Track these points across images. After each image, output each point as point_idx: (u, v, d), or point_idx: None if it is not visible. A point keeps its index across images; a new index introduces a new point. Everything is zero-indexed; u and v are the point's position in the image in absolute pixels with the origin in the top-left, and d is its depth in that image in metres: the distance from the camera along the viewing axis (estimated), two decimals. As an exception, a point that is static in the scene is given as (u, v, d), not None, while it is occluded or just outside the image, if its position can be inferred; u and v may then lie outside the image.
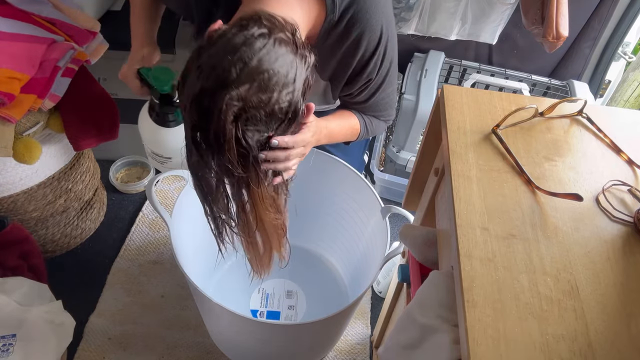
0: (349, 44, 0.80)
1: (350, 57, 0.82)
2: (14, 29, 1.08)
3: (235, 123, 0.58)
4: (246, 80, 0.56)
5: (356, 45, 0.80)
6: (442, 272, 0.63)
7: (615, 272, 0.52)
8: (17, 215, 1.23)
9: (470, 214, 0.56)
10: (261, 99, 0.57)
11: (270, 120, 0.60)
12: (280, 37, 0.59)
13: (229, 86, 0.56)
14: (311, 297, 1.33)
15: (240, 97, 0.56)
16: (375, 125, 0.99)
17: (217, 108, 0.56)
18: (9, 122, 1.00)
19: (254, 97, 0.57)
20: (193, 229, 1.15)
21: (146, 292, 1.37)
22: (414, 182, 0.92)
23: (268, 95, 0.57)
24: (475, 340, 0.44)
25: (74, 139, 1.17)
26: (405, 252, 1.01)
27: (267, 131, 0.62)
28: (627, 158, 0.66)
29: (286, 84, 0.59)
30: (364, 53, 0.81)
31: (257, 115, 0.58)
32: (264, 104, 0.58)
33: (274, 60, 0.58)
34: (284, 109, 0.60)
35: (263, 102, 0.58)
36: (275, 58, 0.58)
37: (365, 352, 1.30)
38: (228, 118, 0.57)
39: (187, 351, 1.25)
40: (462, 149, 0.64)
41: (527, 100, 0.73)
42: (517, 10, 1.41)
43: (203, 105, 0.58)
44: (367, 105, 0.94)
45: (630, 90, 1.55)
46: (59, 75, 1.08)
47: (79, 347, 1.23)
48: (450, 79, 1.61)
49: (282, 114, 0.61)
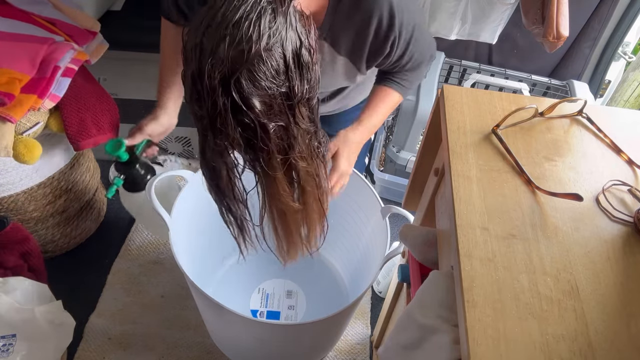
0: (362, 14, 0.77)
1: (366, 27, 0.79)
2: (14, 29, 1.08)
3: (226, 88, 0.54)
4: (218, 40, 0.54)
5: (369, 13, 0.77)
6: (442, 272, 0.63)
7: (615, 272, 0.52)
8: (17, 215, 1.23)
9: (470, 214, 0.56)
10: (240, 53, 0.53)
11: (265, 74, 0.55)
12: None
13: (208, 55, 0.54)
14: (311, 297, 1.33)
15: (220, 58, 0.53)
16: (413, 79, 0.95)
17: (205, 81, 0.54)
18: (9, 122, 1.00)
19: (231, 53, 0.53)
20: (193, 229, 1.15)
21: (146, 292, 1.37)
22: (414, 182, 0.92)
23: (247, 47, 0.53)
24: (475, 340, 0.44)
25: (74, 139, 1.17)
26: (405, 252, 1.01)
27: (275, 87, 0.56)
28: (627, 158, 0.66)
29: (263, 33, 0.54)
30: (380, 22, 0.78)
31: (246, 72, 0.54)
32: (246, 57, 0.54)
33: (237, 14, 0.54)
34: (276, 57, 0.55)
35: (244, 56, 0.53)
36: (239, 10, 0.54)
37: (365, 352, 1.30)
38: (216, 85, 0.54)
39: (187, 351, 1.25)
40: (462, 149, 0.64)
41: (527, 100, 0.73)
42: (517, 10, 1.41)
43: (196, 87, 0.55)
44: (402, 62, 0.89)
45: (630, 90, 1.55)
46: (59, 75, 1.07)
47: (79, 347, 1.23)
48: (450, 79, 1.61)
49: (276, 64, 0.56)
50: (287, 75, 0.57)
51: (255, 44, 0.53)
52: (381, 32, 0.79)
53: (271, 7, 0.55)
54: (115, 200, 1.60)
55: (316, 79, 0.61)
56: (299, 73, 0.58)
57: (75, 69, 1.11)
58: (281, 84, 0.57)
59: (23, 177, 1.18)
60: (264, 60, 0.54)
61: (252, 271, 1.38)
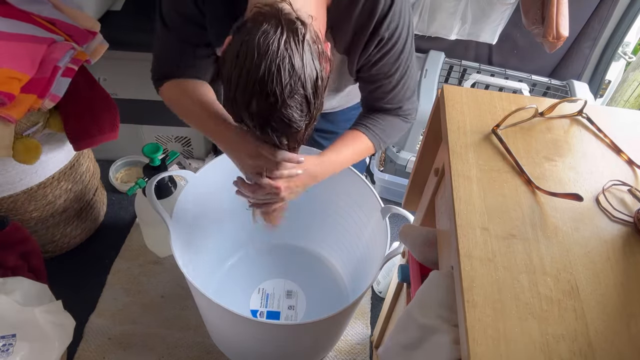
0: (362, 6, 0.78)
1: (367, 19, 0.79)
2: (14, 29, 1.08)
3: (264, 131, 0.68)
4: (249, 97, 0.64)
5: (371, 6, 0.77)
6: (442, 272, 0.63)
7: (615, 272, 0.52)
8: (17, 215, 1.23)
9: (470, 214, 0.56)
10: (270, 106, 0.64)
11: (292, 115, 0.66)
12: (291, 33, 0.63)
13: (243, 109, 0.66)
14: (311, 297, 1.33)
15: (253, 112, 0.66)
16: (389, 131, 0.93)
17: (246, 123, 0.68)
18: (9, 122, 1.00)
19: (262, 107, 0.65)
20: (193, 229, 1.15)
21: (146, 292, 1.37)
22: (414, 182, 0.92)
23: (274, 99, 0.64)
24: (475, 340, 0.44)
25: (74, 139, 1.17)
26: (405, 252, 1.01)
27: (301, 120, 0.67)
28: (627, 158, 0.66)
29: (286, 85, 0.63)
30: (380, 13, 0.78)
31: (278, 118, 0.66)
32: (275, 107, 0.64)
33: (260, 71, 0.62)
34: (299, 99, 0.65)
35: (273, 108, 0.64)
36: (261, 67, 0.62)
37: (365, 352, 1.30)
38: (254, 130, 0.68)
39: (187, 351, 1.25)
40: (462, 149, 0.64)
41: (527, 100, 0.73)
42: (517, 10, 1.41)
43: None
44: (384, 90, 0.88)
45: (630, 90, 1.55)
46: (59, 75, 1.07)
47: (79, 347, 1.23)
48: (450, 79, 1.61)
49: (299, 104, 0.65)
50: (308, 107, 0.66)
51: (281, 96, 0.62)
52: (375, 18, 0.78)
53: (288, 54, 0.62)
54: (115, 200, 1.60)
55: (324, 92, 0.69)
56: (315, 99, 0.66)
57: (75, 69, 1.11)
58: (305, 114, 0.66)
59: (23, 177, 1.18)
60: (290, 105, 0.64)
61: (252, 271, 1.38)
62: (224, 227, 1.29)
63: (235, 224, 1.31)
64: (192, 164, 1.74)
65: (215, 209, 1.23)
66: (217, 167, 1.14)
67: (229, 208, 1.24)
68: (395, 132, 0.95)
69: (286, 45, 0.62)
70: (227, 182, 1.19)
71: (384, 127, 0.92)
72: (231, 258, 1.40)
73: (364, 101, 0.96)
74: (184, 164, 1.41)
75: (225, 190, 1.20)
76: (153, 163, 1.21)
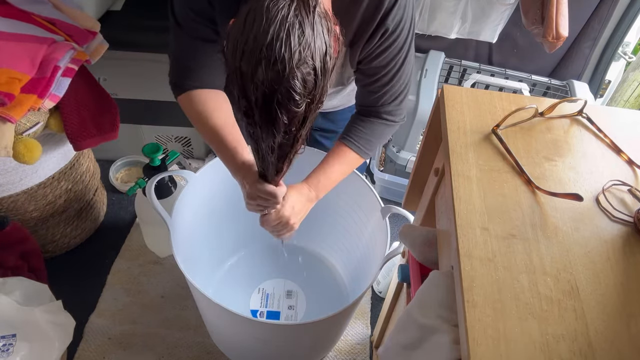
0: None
1: (373, 11, 0.79)
2: (14, 29, 1.08)
3: (268, 105, 0.62)
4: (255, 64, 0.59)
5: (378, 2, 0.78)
6: (442, 272, 0.63)
7: (615, 272, 0.52)
8: (17, 215, 1.23)
9: (470, 214, 0.56)
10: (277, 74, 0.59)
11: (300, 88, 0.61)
12: None
13: (248, 79, 0.60)
14: (311, 297, 1.33)
15: (259, 81, 0.60)
16: (374, 140, 0.95)
17: (251, 99, 0.61)
18: (9, 122, 1.00)
19: (269, 75, 0.59)
20: (193, 229, 1.15)
21: (146, 292, 1.37)
22: (414, 182, 0.92)
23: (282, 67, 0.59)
24: (475, 340, 0.44)
25: (74, 139, 1.17)
26: (405, 252, 1.01)
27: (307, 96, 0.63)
28: (627, 158, 0.66)
29: (294, 51, 0.59)
30: (387, 5, 0.78)
31: (284, 89, 0.61)
32: (282, 76, 0.60)
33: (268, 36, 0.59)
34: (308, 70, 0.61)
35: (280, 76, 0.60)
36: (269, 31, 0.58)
37: (365, 352, 1.30)
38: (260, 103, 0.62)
39: (187, 351, 1.25)
40: (462, 149, 0.64)
41: (527, 100, 0.73)
42: (517, 10, 1.41)
43: (242, 104, 0.63)
44: (381, 83, 0.89)
45: (630, 90, 1.55)
46: (59, 75, 1.07)
47: (79, 347, 1.23)
48: (450, 79, 1.61)
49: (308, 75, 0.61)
50: (315, 83, 0.62)
51: (289, 62, 0.58)
52: (382, 10, 0.79)
53: (298, 20, 0.59)
54: (115, 200, 1.60)
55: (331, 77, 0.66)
56: (323, 76, 0.62)
57: (75, 69, 1.11)
58: (309, 92, 0.62)
59: (23, 177, 1.18)
60: (298, 76, 0.59)
61: (252, 271, 1.38)
62: (224, 227, 1.29)
63: (235, 224, 1.31)
64: (192, 164, 1.74)
65: (215, 209, 1.23)
66: (217, 167, 1.14)
67: (229, 208, 1.24)
68: (380, 139, 0.97)
69: (296, 12, 0.58)
70: (227, 183, 1.19)
71: (369, 137, 0.94)
72: (231, 258, 1.40)
73: (358, 95, 0.96)
74: (184, 164, 1.41)
75: (225, 191, 1.20)
76: (153, 163, 1.21)
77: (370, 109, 0.94)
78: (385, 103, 0.92)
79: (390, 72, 0.87)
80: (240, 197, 0.87)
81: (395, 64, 0.86)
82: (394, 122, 0.95)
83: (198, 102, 0.89)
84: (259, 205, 0.85)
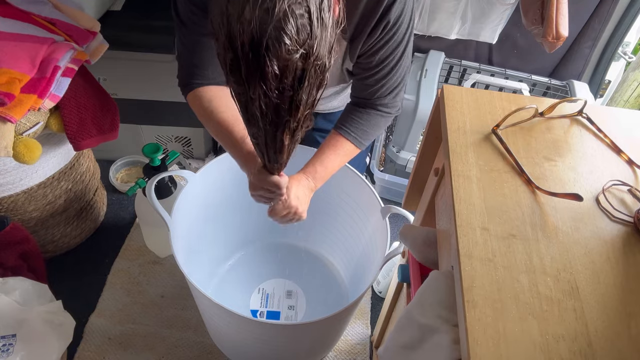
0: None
1: (375, 4, 0.79)
2: (14, 29, 1.08)
3: (257, 51, 0.54)
4: (242, 3, 0.53)
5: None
6: (442, 272, 0.63)
7: (615, 272, 0.52)
8: (17, 215, 1.23)
9: (470, 214, 0.56)
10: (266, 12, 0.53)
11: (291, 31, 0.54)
12: None
13: (235, 20, 0.54)
14: (311, 297, 1.33)
15: (247, 21, 0.53)
16: (370, 131, 0.95)
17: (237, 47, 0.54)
18: (9, 122, 1.00)
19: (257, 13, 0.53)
20: (193, 229, 1.15)
21: (146, 292, 1.37)
22: (414, 182, 0.92)
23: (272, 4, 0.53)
24: (475, 340, 0.44)
25: (74, 139, 1.17)
26: (405, 252, 1.01)
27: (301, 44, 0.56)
28: (627, 158, 0.66)
29: None
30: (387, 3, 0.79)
31: (274, 31, 0.54)
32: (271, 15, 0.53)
33: None
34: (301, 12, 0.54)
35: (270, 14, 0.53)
36: None
37: (365, 352, 1.30)
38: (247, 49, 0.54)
39: (187, 351, 1.25)
40: (462, 149, 0.64)
41: (527, 100, 0.73)
42: (517, 10, 1.41)
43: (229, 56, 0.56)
44: (378, 77, 0.88)
45: (630, 90, 1.55)
46: (59, 75, 1.08)
47: (79, 347, 1.23)
48: (450, 79, 1.61)
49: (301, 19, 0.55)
50: (310, 31, 0.55)
51: (279, 1, 0.52)
52: (384, 4, 0.79)
53: None
54: (115, 200, 1.60)
55: (331, 42, 0.59)
56: (320, 27, 0.56)
57: (75, 69, 1.11)
58: (303, 42, 0.55)
59: (23, 177, 1.18)
60: (289, 16, 0.53)
61: (252, 271, 1.38)
62: (224, 227, 1.29)
63: (235, 224, 1.31)
64: (192, 164, 1.74)
65: (215, 209, 1.23)
66: (217, 167, 1.14)
67: (229, 208, 1.24)
68: (375, 130, 0.97)
69: None
70: (227, 182, 1.19)
71: (365, 127, 0.95)
72: (231, 258, 1.40)
73: (354, 87, 0.96)
74: (184, 164, 1.41)
75: (225, 190, 1.20)
76: (153, 163, 1.21)
77: (366, 100, 0.94)
78: (382, 95, 0.93)
79: (388, 66, 0.88)
80: (240, 196, 0.87)
81: (393, 58, 0.87)
82: (389, 113, 0.96)
83: (204, 99, 0.89)
84: (262, 196, 0.86)
